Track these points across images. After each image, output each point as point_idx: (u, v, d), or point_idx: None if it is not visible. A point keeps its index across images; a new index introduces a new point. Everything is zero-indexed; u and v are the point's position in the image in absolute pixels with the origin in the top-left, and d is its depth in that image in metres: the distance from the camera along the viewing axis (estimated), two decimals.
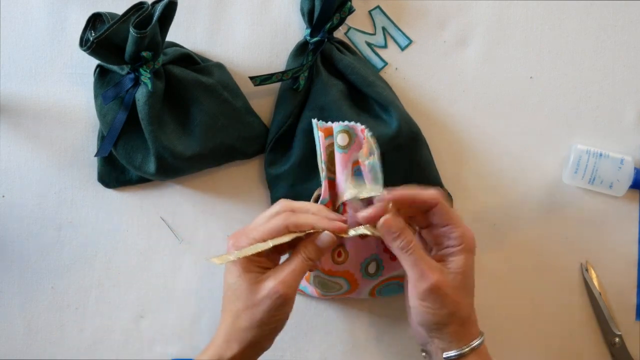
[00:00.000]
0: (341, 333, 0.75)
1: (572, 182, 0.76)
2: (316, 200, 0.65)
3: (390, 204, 0.59)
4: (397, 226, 0.59)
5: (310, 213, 0.61)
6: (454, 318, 0.59)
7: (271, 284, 0.58)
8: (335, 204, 0.64)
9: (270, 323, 0.59)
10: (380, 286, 0.70)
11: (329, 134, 0.63)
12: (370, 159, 0.61)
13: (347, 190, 0.62)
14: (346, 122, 0.62)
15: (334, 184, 0.63)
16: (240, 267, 0.59)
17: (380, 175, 0.61)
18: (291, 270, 0.59)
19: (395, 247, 0.59)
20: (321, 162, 0.63)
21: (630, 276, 0.77)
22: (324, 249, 0.60)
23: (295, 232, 0.59)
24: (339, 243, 0.65)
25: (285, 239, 0.58)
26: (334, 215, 0.62)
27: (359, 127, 0.62)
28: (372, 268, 0.67)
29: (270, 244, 0.58)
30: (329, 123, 0.63)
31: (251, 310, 0.58)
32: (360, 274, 0.67)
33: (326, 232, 0.59)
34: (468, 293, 0.61)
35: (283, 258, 0.63)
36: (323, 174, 0.63)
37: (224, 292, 0.61)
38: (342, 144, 0.62)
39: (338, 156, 0.62)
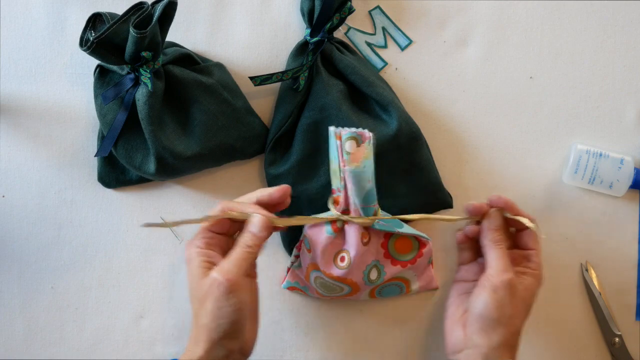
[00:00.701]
0: (341, 333, 0.75)
1: (572, 182, 0.76)
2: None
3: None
4: (499, 220, 0.66)
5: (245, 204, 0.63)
6: (511, 323, 0.62)
7: (212, 274, 0.58)
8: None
9: (225, 315, 0.58)
10: (379, 287, 0.70)
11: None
12: (353, 165, 0.61)
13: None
14: (354, 129, 0.62)
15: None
16: (193, 265, 0.60)
17: (364, 184, 0.61)
18: (229, 258, 0.59)
19: (489, 237, 0.65)
20: (339, 171, 0.63)
21: (630, 276, 0.77)
22: (257, 233, 0.60)
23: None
24: (342, 248, 0.65)
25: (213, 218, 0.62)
26: (271, 190, 0.64)
27: (367, 134, 0.62)
28: (373, 274, 0.67)
29: (198, 219, 0.61)
30: (344, 129, 0.63)
31: (203, 305, 0.58)
32: (363, 282, 0.67)
33: (256, 215, 0.61)
34: (525, 312, 0.64)
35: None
36: (342, 183, 0.63)
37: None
38: (350, 150, 0.62)
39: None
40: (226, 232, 0.63)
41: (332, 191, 0.65)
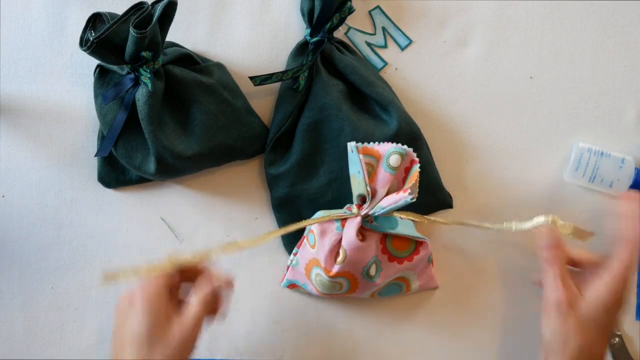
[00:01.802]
0: (341, 333, 0.75)
1: (573, 180, 0.76)
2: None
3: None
4: (551, 239, 0.62)
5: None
6: (565, 347, 0.59)
7: (177, 333, 0.57)
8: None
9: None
10: (380, 289, 0.70)
11: (364, 153, 0.64)
12: (414, 195, 0.61)
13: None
14: (404, 146, 0.63)
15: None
16: (147, 312, 0.58)
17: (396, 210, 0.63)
18: (192, 316, 0.58)
19: (544, 256, 0.62)
20: (366, 185, 0.63)
21: None
22: (218, 295, 0.60)
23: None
24: (338, 243, 0.66)
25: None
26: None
27: (413, 155, 0.64)
28: (372, 270, 0.67)
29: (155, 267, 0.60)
30: (372, 144, 0.64)
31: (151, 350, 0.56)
32: (362, 277, 0.67)
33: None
34: (596, 330, 0.59)
35: None
36: (369, 197, 0.64)
37: (115, 341, 0.59)
38: (395, 165, 0.63)
39: (385, 175, 0.63)
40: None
41: (356, 206, 0.66)
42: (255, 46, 0.76)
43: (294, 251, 0.71)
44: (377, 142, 0.65)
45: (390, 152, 0.63)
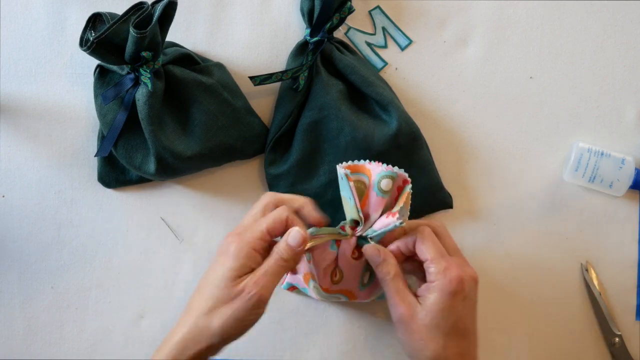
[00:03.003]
0: (341, 333, 0.75)
1: (573, 180, 0.76)
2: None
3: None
4: (376, 256, 0.61)
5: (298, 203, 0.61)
6: (420, 357, 0.58)
7: (245, 284, 0.56)
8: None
9: (237, 326, 0.56)
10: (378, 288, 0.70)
11: (354, 170, 0.62)
12: (404, 220, 0.59)
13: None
14: (394, 169, 0.60)
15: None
16: (237, 264, 0.57)
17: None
18: (264, 271, 0.57)
19: (377, 275, 0.62)
20: (358, 211, 0.61)
21: (630, 276, 0.77)
22: (295, 247, 0.58)
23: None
24: (334, 265, 0.65)
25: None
26: (315, 215, 0.62)
27: (404, 175, 0.61)
28: (366, 278, 0.67)
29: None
30: (355, 162, 0.62)
31: (220, 309, 0.55)
32: (358, 289, 0.67)
33: (296, 228, 0.58)
34: (442, 334, 0.58)
35: None
36: (361, 221, 0.62)
37: (202, 283, 0.58)
38: (386, 189, 0.60)
39: (377, 199, 0.61)
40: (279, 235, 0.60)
41: (350, 227, 0.64)
42: (255, 46, 0.76)
43: None
44: (367, 160, 0.62)
45: (380, 176, 0.60)
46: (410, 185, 0.61)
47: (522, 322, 0.76)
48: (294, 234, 0.58)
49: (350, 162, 0.62)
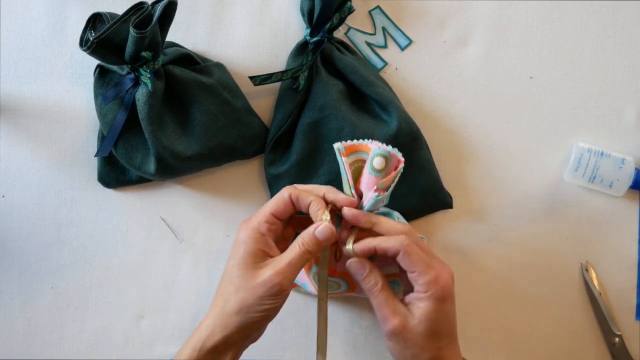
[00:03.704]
0: (341, 333, 0.75)
1: (573, 180, 0.76)
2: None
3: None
4: (361, 269, 0.60)
5: (313, 192, 0.61)
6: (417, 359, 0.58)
7: (268, 272, 0.57)
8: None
9: (260, 311, 0.57)
10: None
11: (350, 152, 0.61)
12: (382, 193, 0.59)
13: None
14: (388, 147, 0.60)
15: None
16: (247, 250, 0.58)
17: (379, 207, 0.61)
18: (288, 261, 0.57)
19: (364, 288, 0.60)
20: (350, 187, 0.61)
21: (630, 276, 0.77)
22: (322, 241, 0.58)
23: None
24: (336, 244, 0.65)
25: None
26: (342, 196, 0.60)
27: (398, 155, 0.60)
28: None
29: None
30: (354, 141, 0.61)
31: (243, 294, 0.56)
32: None
33: (325, 223, 0.58)
34: (436, 339, 0.58)
35: None
36: (355, 198, 0.61)
37: (222, 276, 0.60)
38: (379, 167, 0.60)
39: (369, 178, 0.60)
40: (287, 217, 0.61)
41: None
42: (255, 46, 0.76)
43: None
44: (369, 140, 0.62)
45: (373, 154, 0.60)
46: (402, 166, 0.60)
47: (522, 322, 0.76)
48: (323, 228, 0.58)
49: (350, 142, 0.62)
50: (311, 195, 0.60)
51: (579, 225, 0.77)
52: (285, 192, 0.60)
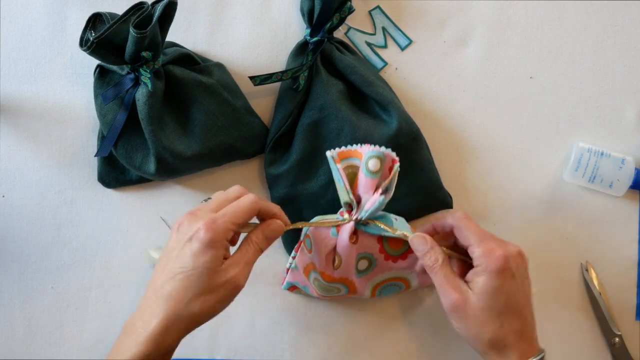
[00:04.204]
0: (341, 333, 0.75)
1: (573, 180, 0.76)
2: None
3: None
4: (423, 245, 0.62)
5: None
6: (480, 339, 0.59)
7: (231, 273, 0.56)
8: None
9: (216, 311, 0.57)
10: (380, 287, 0.70)
11: (343, 158, 0.62)
12: (383, 196, 0.60)
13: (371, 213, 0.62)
14: (381, 149, 0.60)
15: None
16: (215, 256, 0.56)
17: (378, 213, 0.62)
18: (245, 262, 0.58)
19: (424, 264, 0.62)
20: (348, 193, 0.61)
21: (630, 276, 0.77)
22: (272, 239, 0.60)
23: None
24: (334, 250, 0.65)
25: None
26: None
27: (392, 155, 0.61)
28: (362, 265, 0.67)
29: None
30: (346, 147, 0.62)
31: (204, 297, 0.55)
32: (356, 277, 0.67)
33: (278, 222, 0.60)
34: (496, 315, 0.59)
35: None
36: (354, 203, 0.62)
37: (161, 271, 0.57)
38: (374, 169, 0.60)
39: (366, 180, 0.61)
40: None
41: (346, 212, 0.64)
42: (255, 46, 0.76)
43: (292, 255, 0.71)
44: (359, 145, 0.63)
45: (367, 156, 0.61)
46: (398, 165, 0.61)
47: None
48: (275, 227, 0.60)
49: (342, 148, 0.63)
50: (277, 207, 0.62)
51: (579, 225, 0.77)
52: (250, 205, 0.59)
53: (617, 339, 0.75)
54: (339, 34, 0.76)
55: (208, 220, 0.56)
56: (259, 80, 0.71)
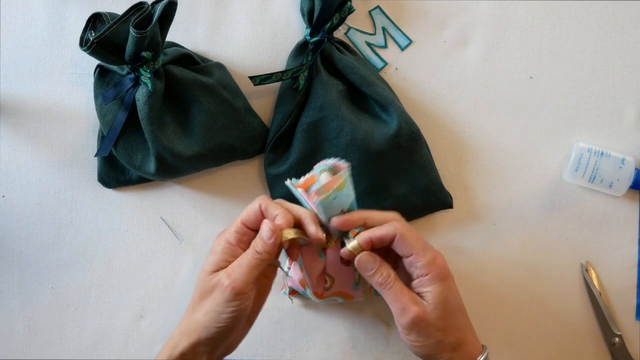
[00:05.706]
0: (341, 333, 0.75)
1: (573, 180, 0.76)
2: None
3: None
4: (372, 263, 0.59)
5: (282, 206, 0.60)
6: (443, 346, 0.58)
7: (220, 275, 0.57)
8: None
9: (221, 320, 0.57)
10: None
11: (310, 184, 0.60)
12: (322, 197, 0.57)
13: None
14: (329, 161, 0.59)
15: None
16: (213, 259, 0.59)
17: (333, 213, 0.59)
18: (238, 263, 0.58)
19: (374, 283, 0.59)
20: (317, 215, 0.60)
21: (630, 276, 0.77)
22: (267, 240, 0.57)
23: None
24: (323, 271, 0.65)
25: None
26: (313, 229, 0.59)
27: (342, 164, 0.59)
28: (358, 277, 0.67)
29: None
30: (303, 178, 0.60)
31: (203, 301, 0.57)
32: (352, 289, 0.67)
33: (266, 221, 0.58)
34: (454, 319, 0.59)
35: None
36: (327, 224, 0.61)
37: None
38: (324, 182, 0.58)
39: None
40: (258, 228, 0.60)
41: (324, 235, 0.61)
42: (255, 46, 0.76)
43: (287, 266, 0.69)
44: (313, 168, 0.60)
45: (318, 172, 0.59)
46: (343, 171, 0.59)
47: (522, 322, 0.76)
48: (265, 227, 0.58)
49: (302, 178, 0.60)
50: (280, 208, 0.59)
51: (579, 225, 0.77)
52: (256, 202, 0.60)
53: (617, 339, 0.75)
54: (339, 34, 0.76)
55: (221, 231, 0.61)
56: (259, 80, 0.71)
